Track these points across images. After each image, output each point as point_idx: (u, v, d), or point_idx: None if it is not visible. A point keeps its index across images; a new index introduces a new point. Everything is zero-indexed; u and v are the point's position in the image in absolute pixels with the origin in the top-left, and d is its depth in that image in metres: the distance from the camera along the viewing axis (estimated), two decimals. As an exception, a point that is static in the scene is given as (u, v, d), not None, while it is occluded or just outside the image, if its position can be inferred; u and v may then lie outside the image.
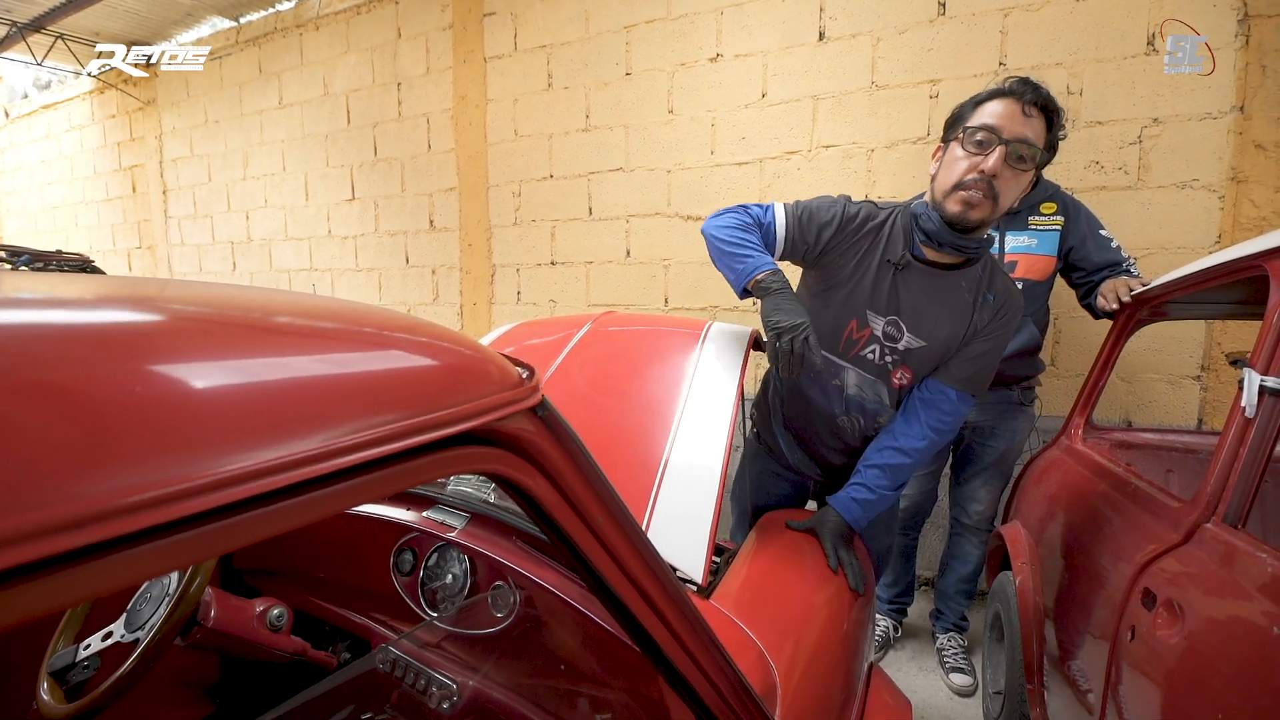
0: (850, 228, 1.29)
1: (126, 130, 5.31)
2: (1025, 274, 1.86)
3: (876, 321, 1.30)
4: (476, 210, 3.51)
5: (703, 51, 2.83)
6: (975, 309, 1.28)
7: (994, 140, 1.12)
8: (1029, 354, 1.90)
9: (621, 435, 1.32)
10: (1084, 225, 1.86)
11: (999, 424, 1.95)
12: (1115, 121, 2.21)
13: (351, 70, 3.91)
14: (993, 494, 2.02)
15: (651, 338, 1.61)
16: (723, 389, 1.38)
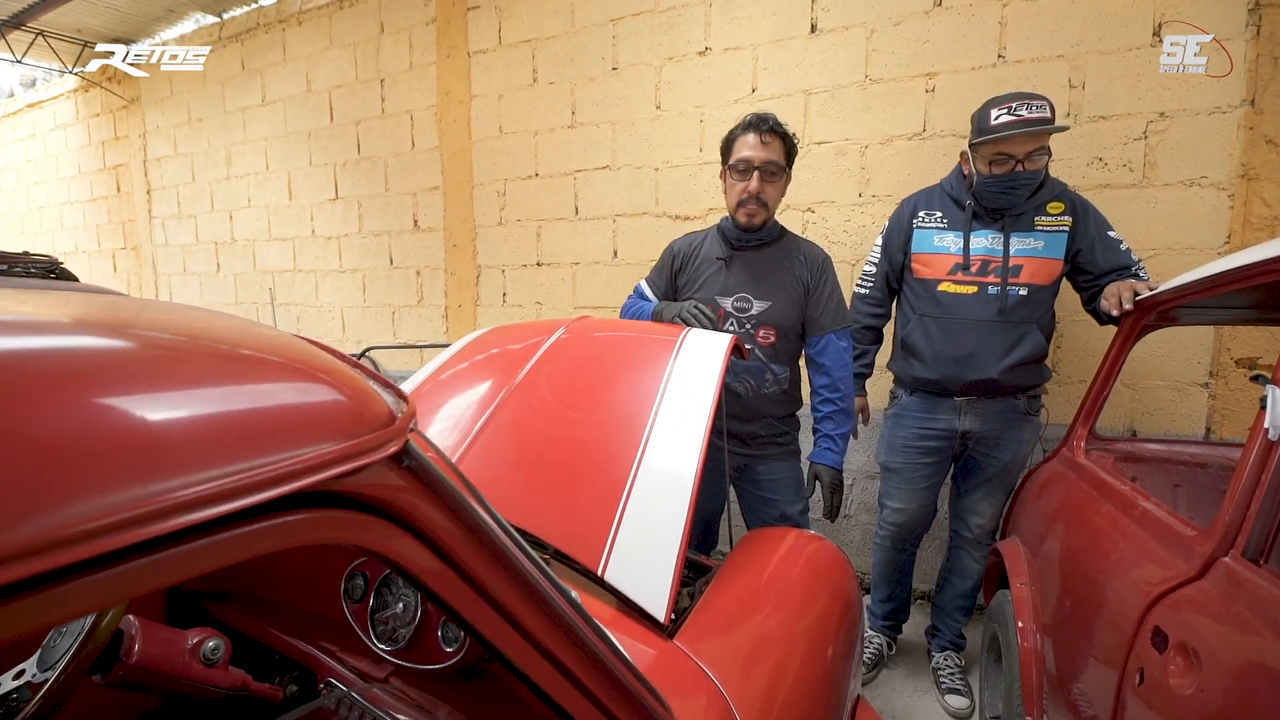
0: (681, 258, 1.80)
1: (111, 129, 5.22)
2: (1030, 279, 1.75)
3: (726, 301, 1.71)
4: (461, 210, 3.41)
5: (691, 45, 2.73)
6: (797, 269, 1.72)
7: (750, 168, 1.63)
8: (1034, 363, 1.79)
9: (586, 453, 1.23)
10: (1093, 227, 1.76)
11: (1003, 434, 1.84)
12: (1119, 116, 2.11)
13: (334, 66, 3.81)
14: (995, 506, 1.92)
15: (625, 345, 1.51)
16: (697, 401, 1.28)
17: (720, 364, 1.34)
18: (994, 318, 1.74)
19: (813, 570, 1.41)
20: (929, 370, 1.83)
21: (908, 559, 2.07)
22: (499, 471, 1.22)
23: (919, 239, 1.87)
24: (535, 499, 1.16)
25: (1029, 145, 1.66)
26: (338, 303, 4.05)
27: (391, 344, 3.73)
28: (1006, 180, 1.70)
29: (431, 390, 1.54)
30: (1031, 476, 1.87)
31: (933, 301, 1.81)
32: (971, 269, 1.77)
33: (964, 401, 1.83)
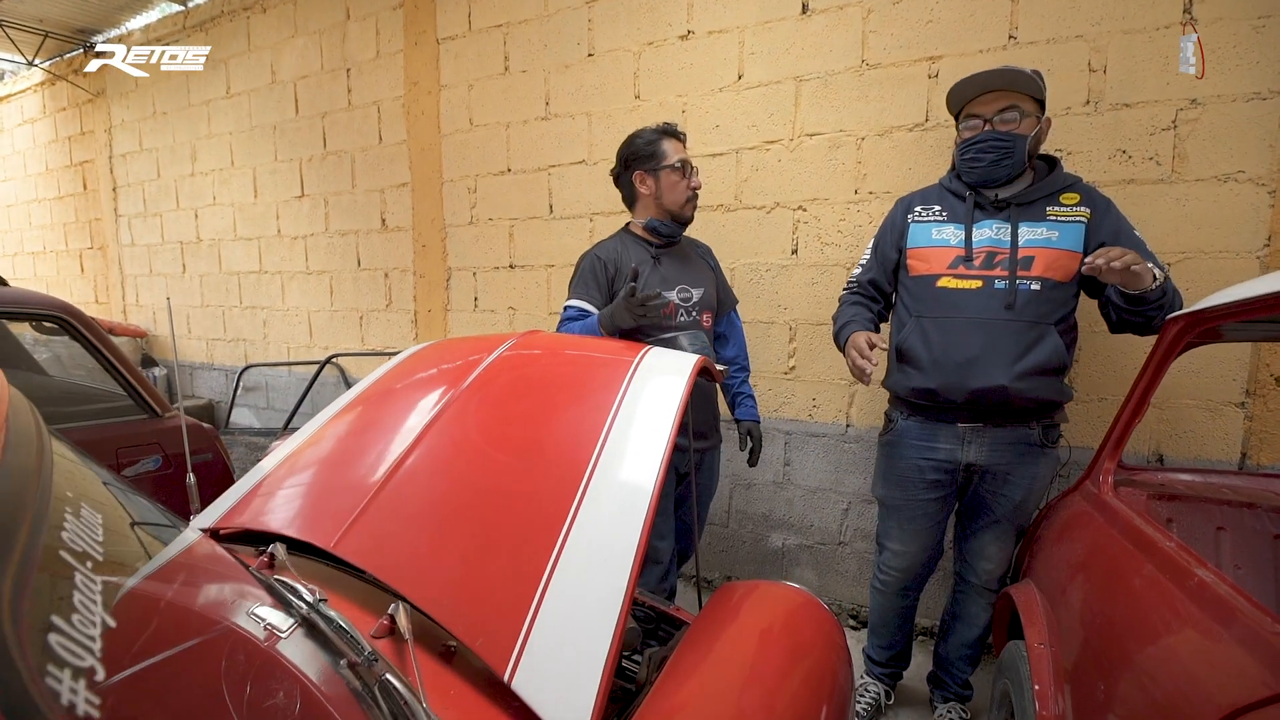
0: (612, 264, 1.81)
1: (77, 124, 5.01)
2: (1045, 272, 1.50)
3: (670, 294, 1.80)
4: (430, 208, 3.19)
5: (672, 28, 2.50)
6: (705, 258, 1.96)
7: (689, 165, 1.80)
8: (1051, 373, 1.50)
9: (510, 509, 1.00)
10: (1114, 221, 1.52)
11: (1014, 469, 1.59)
12: (1145, 104, 1.88)
13: (299, 55, 3.59)
14: (1005, 550, 1.68)
15: (572, 366, 1.29)
16: (650, 436, 1.06)
17: (681, 393, 1.12)
18: (1003, 315, 1.50)
19: (795, 642, 1.19)
20: (927, 378, 1.57)
21: (910, 604, 1.84)
22: (404, 533, 1.00)
23: (915, 233, 1.66)
24: (441, 569, 0.93)
25: (997, 102, 1.49)
26: (304, 306, 3.83)
27: (358, 351, 3.51)
28: (975, 143, 1.53)
29: (346, 422, 1.32)
30: (1050, 512, 1.64)
31: (931, 300, 1.59)
32: (975, 261, 1.55)
33: (968, 429, 1.59)
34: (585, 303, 1.76)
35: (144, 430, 2.48)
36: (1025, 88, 1.49)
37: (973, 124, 1.54)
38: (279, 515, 1.17)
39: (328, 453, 1.26)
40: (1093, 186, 1.59)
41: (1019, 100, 1.49)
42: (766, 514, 2.54)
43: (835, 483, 2.39)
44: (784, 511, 2.50)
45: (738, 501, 2.60)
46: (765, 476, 2.52)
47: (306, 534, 1.08)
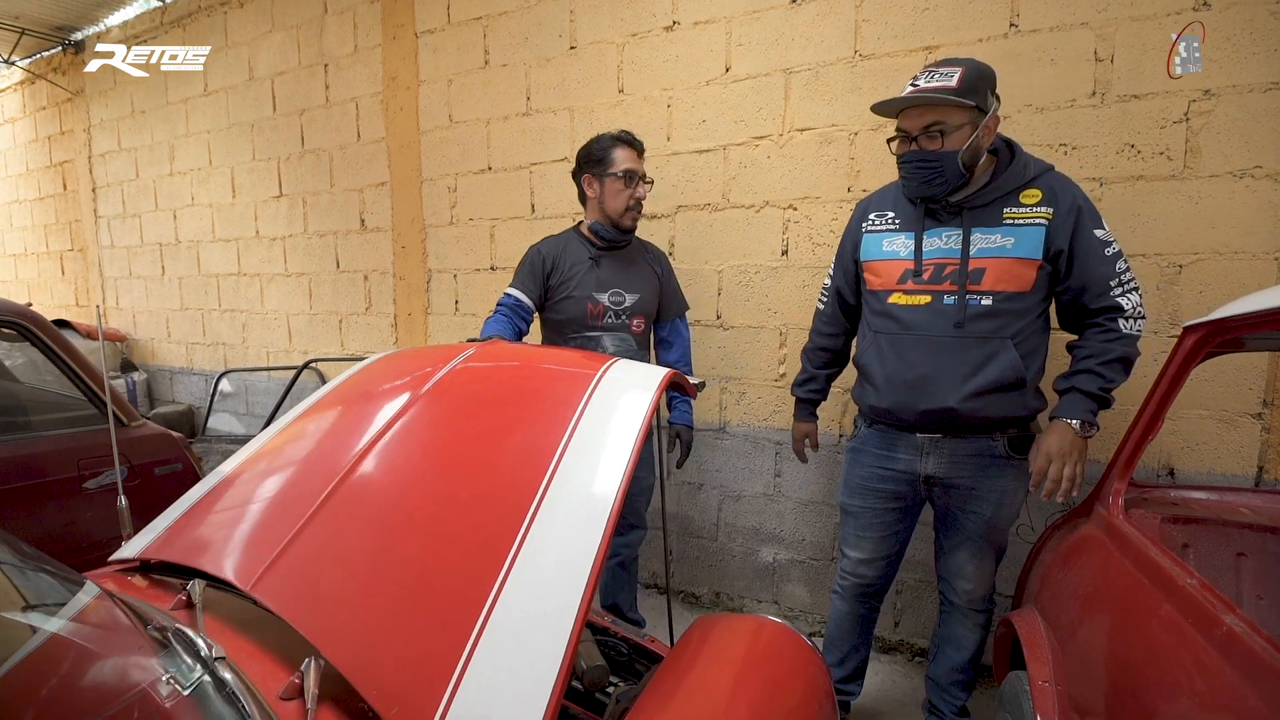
0: (550, 260, 1.90)
1: (57, 123, 4.90)
2: (997, 285, 1.39)
3: (602, 297, 1.88)
4: (409, 208, 3.08)
5: (657, 19, 2.39)
6: (650, 264, 1.99)
7: (636, 176, 1.86)
8: (1008, 390, 1.41)
9: (447, 545, 0.89)
10: (1076, 220, 1.38)
11: (979, 484, 1.50)
12: (1155, 95, 1.76)
13: (277, 51, 3.48)
14: (983, 569, 1.58)
15: (530, 380, 1.17)
16: (609, 457, 0.95)
17: (645, 411, 1.00)
18: (951, 334, 1.42)
19: (773, 681, 1.09)
20: (881, 397, 1.52)
21: (868, 614, 1.76)
22: (328, 574, 0.89)
23: (868, 244, 1.58)
24: (363, 618, 0.82)
25: (921, 119, 1.39)
26: (283, 309, 3.71)
27: (336, 356, 3.40)
28: (903, 161, 1.45)
29: (284, 443, 1.21)
30: (1055, 534, 1.53)
31: (885, 316, 1.52)
32: (924, 275, 1.45)
33: (926, 440, 1.51)
34: (520, 293, 1.87)
35: (108, 440, 2.37)
36: (953, 96, 1.35)
37: (901, 138, 1.44)
38: (202, 548, 1.07)
39: (261, 478, 1.15)
40: (1063, 177, 1.44)
41: (944, 115, 1.36)
42: (757, 527, 2.43)
43: (828, 495, 2.28)
44: (775, 525, 2.39)
45: (726, 514, 2.48)
46: (755, 488, 2.41)
47: (226, 571, 0.97)
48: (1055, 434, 1.37)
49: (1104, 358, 1.35)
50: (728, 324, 2.38)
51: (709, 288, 2.40)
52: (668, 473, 2.56)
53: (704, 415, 2.48)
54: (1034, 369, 1.44)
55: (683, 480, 2.55)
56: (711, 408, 2.46)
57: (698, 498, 2.53)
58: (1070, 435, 1.35)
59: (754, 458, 2.39)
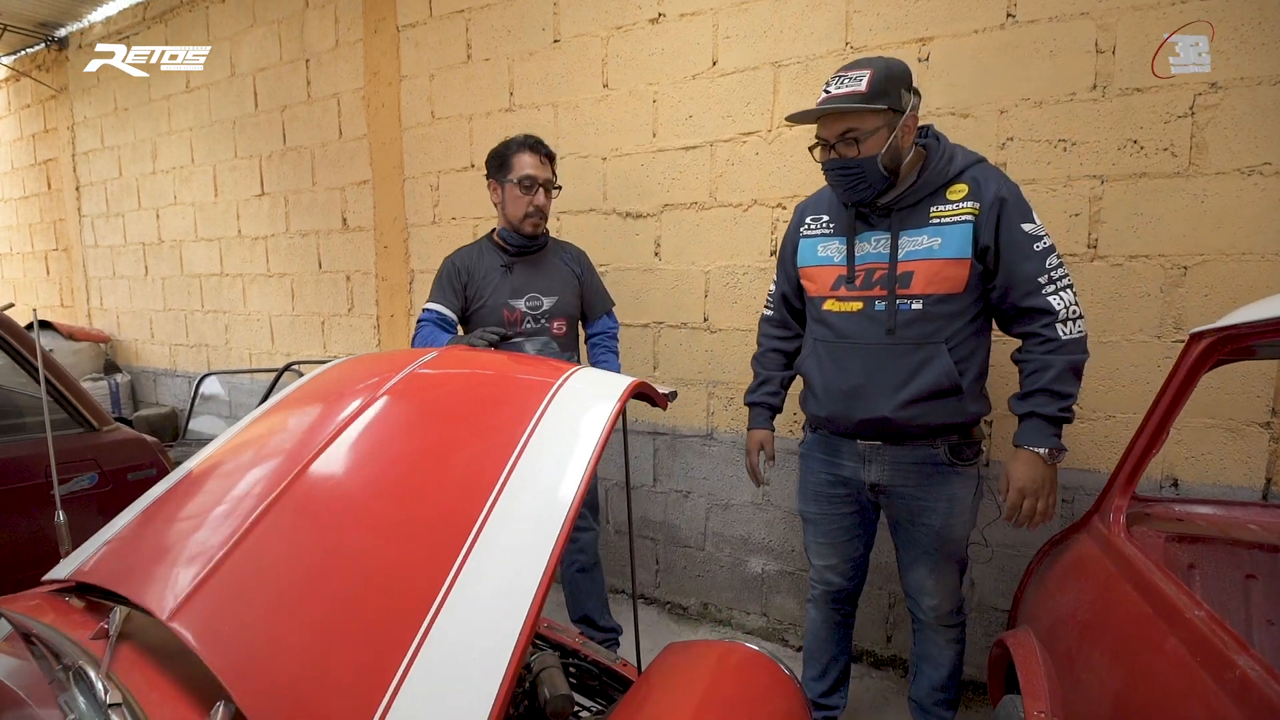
0: (466, 271, 1.90)
1: (41, 121, 4.82)
2: (927, 288, 1.34)
3: (518, 303, 1.88)
4: (391, 206, 3.00)
5: (642, 11, 2.31)
6: (569, 265, 1.98)
7: (535, 184, 1.84)
8: (945, 396, 1.36)
9: (380, 574, 0.81)
10: (1003, 214, 1.31)
11: (924, 493, 1.44)
12: (1160, 88, 1.68)
13: (258, 46, 3.40)
14: (946, 583, 1.50)
15: (484, 390, 1.09)
16: (561, 473, 0.87)
17: (603, 425, 0.92)
18: (883, 341, 1.38)
19: (748, 714, 1.01)
20: (821, 406, 1.50)
21: (842, 621, 1.69)
22: (248, 608, 0.81)
23: (804, 250, 1.54)
24: (279, 659, 0.74)
25: (836, 126, 1.35)
26: (266, 310, 3.64)
27: (315, 358, 3.32)
28: (825, 169, 1.41)
29: (224, 458, 1.13)
30: (1052, 551, 1.45)
31: (822, 323, 1.49)
32: (856, 281, 1.42)
33: (867, 447, 1.47)
34: (441, 306, 1.86)
35: (78, 445, 2.31)
36: (867, 101, 1.30)
37: (821, 145, 1.40)
38: (129, 571, 0.99)
39: (198, 494, 1.07)
40: (990, 168, 1.38)
41: (857, 122, 1.32)
42: (745, 537, 2.35)
43: (818, 505, 2.20)
44: (764, 534, 2.30)
45: (714, 523, 2.40)
46: (743, 497, 2.32)
47: (147, 597, 0.90)
48: (1025, 465, 1.32)
49: (1054, 371, 1.29)
50: (715, 327, 2.30)
51: (696, 289, 2.32)
52: (654, 478, 2.49)
53: (691, 421, 2.40)
54: (971, 373, 1.38)
55: (670, 488, 2.48)
56: (699, 413, 2.37)
57: (685, 506, 2.45)
58: (1040, 466, 1.31)
59: (742, 465, 2.31)
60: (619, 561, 2.62)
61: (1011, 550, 1.92)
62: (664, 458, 2.47)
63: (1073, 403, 1.31)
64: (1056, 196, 1.79)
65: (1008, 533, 1.92)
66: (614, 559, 2.63)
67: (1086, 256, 1.77)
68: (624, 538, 2.60)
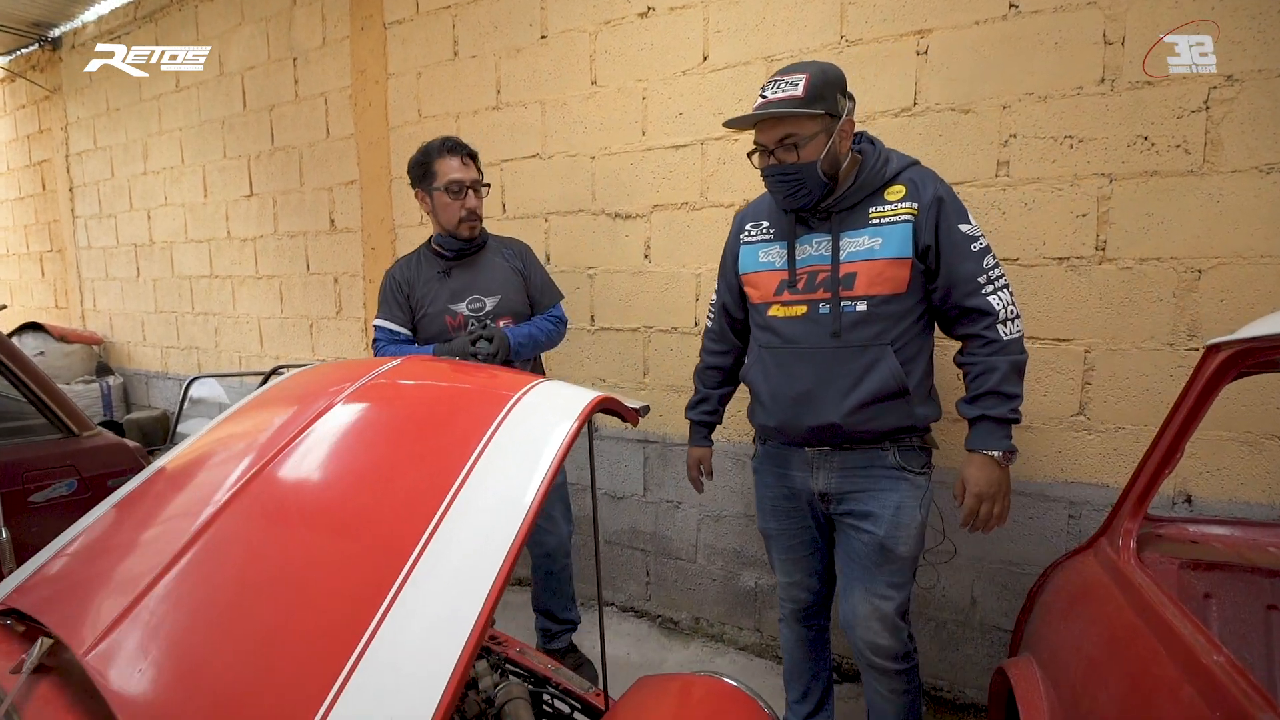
0: (407, 284, 1.87)
1: (35, 122, 4.80)
2: (870, 289, 1.32)
3: (459, 307, 1.84)
4: (379, 207, 2.93)
5: (631, 5, 2.23)
6: (510, 261, 1.93)
7: (463, 188, 1.81)
8: (893, 398, 1.33)
9: (312, 603, 0.74)
10: (939, 215, 1.31)
11: (870, 498, 1.37)
12: (1172, 80, 1.58)
13: (246, 45, 3.35)
14: (884, 614, 1.36)
15: (439, 401, 1.02)
16: (513, 492, 0.80)
17: (560, 443, 0.85)
18: (829, 344, 1.35)
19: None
20: (769, 415, 1.45)
21: (816, 637, 1.62)
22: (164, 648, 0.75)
23: (745, 257, 1.51)
24: (196, 703, 0.67)
25: (774, 132, 1.32)
26: (255, 313, 3.58)
27: (301, 363, 3.26)
28: (765, 175, 1.39)
29: (165, 478, 1.06)
30: (1056, 572, 1.36)
31: (766, 329, 1.45)
32: (799, 285, 1.39)
33: (815, 454, 1.42)
34: (390, 323, 1.86)
35: (57, 451, 2.26)
36: (804, 107, 1.27)
37: (759, 154, 1.37)
38: (56, 600, 0.93)
39: (131, 520, 1.00)
40: (926, 170, 1.37)
41: (795, 127, 1.29)
42: (737, 550, 2.26)
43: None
44: (756, 548, 2.22)
45: (706, 535, 2.32)
46: (736, 508, 2.24)
47: (68, 631, 0.83)
48: (980, 469, 1.30)
49: (1000, 373, 1.28)
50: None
51: (686, 292, 2.24)
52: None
53: (681, 429, 2.30)
54: (917, 375, 1.35)
55: (661, 498, 2.39)
56: (689, 421, 2.29)
57: (675, 517, 2.37)
58: (994, 471, 1.30)
59: (735, 475, 2.23)
60: (609, 573, 2.54)
61: (1015, 568, 1.83)
62: (654, 467, 2.39)
63: (1020, 404, 1.30)
64: (1062, 196, 1.70)
65: (1010, 550, 1.83)
66: (605, 571, 2.55)
67: (1094, 259, 1.68)
68: (614, 548, 2.52)
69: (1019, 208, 1.74)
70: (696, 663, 2.22)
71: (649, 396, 2.36)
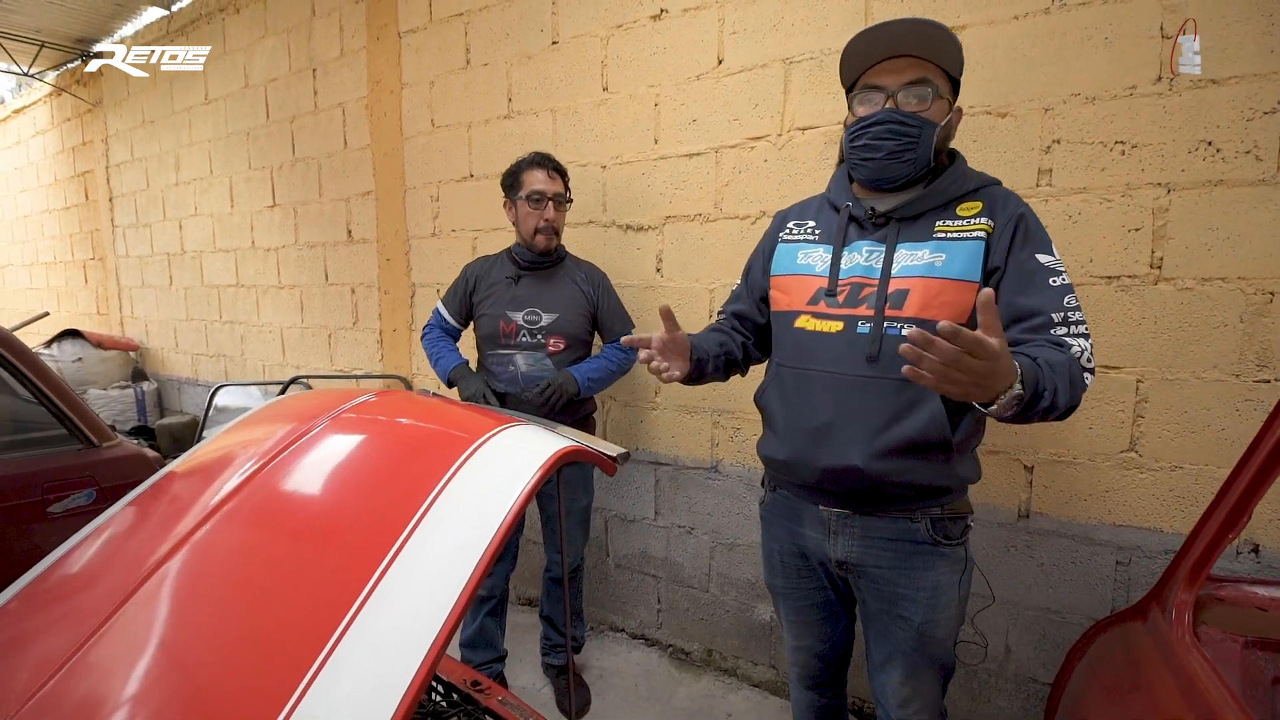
0: (474, 280, 1.99)
1: (79, 134, 4.97)
2: (922, 311, 1.05)
3: (517, 315, 1.89)
4: (393, 218, 2.90)
5: (643, 7, 2.13)
6: (580, 284, 1.96)
7: (544, 199, 1.87)
8: (930, 450, 1.07)
9: (233, 677, 0.67)
10: (1019, 237, 1.06)
11: (902, 578, 1.14)
12: (1240, 79, 1.41)
13: (269, 57, 3.37)
14: (924, 691, 1.18)
15: (399, 444, 0.95)
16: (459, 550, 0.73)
17: (514, 499, 0.76)
18: (864, 370, 1.10)
19: None
20: (780, 446, 1.21)
21: (830, 702, 1.41)
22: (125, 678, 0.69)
23: (780, 256, 1.26)
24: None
25: (905, 71, 1.07)
26: (277, 322, 3.61)
27: (319, 373, 3.26)
28: (870, 125, 1.09)
29: (122, 520, 1.01)
30: (1100, 638, 1.21)
31: (791, 345, 1.21)
32: (839, 296, 1.14)
33: (833, 516, 1.18)
34: (446, 311, 2.02)
35: (77, 462, 2.28)
36: (942, 56, 1.08)
37: (870, 98, 1.11)
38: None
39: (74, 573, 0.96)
40: (1009, 192, 1.13)
41: (933, 74, 1.08)
42: (752, 581, 2.14)
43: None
44: (772, 579, 2.09)
45: (719, 563, 2.20)
46: (751, 537, 2.12)
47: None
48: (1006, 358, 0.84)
49: (1052, 362, 0.93)
50: None
51: (700, 308, 2.13)
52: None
53: (694, 451, 2.21)
54: (964, 428, 1.10)
55: (673, 523, 2.29)
56: (703, 444, 2.18)
57: (688, 542, 2.26)
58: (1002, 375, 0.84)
59: (749, 502, 2.11)
60: (619, 598, 2.45)
61: (1055, 616, 1.66)
62: (666, 490, 2.29)
63: (1048, 404, 0.91)
64: (1113, 208, 1.53)
65: (1050, 597, 1.66)
66: (614, 595, 2.46)
67: (1149, 279, 1.51)
68: (624, 571, 2.43)
69: (1062, 220, 1.58)
70: (707, 698, 2.11)
71: (661, 417, 2.26)
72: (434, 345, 2.01)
